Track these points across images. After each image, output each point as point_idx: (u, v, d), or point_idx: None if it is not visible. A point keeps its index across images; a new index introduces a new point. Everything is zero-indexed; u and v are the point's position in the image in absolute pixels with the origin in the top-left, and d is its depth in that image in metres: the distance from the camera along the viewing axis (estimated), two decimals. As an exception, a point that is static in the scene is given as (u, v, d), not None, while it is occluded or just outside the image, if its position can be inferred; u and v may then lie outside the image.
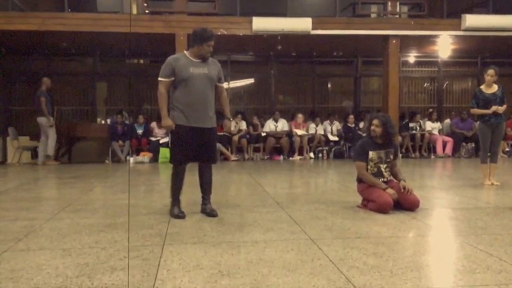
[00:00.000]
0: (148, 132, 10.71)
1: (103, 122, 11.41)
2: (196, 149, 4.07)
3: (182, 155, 4.08)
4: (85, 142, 10.75)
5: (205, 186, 4.25)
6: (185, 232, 3.54)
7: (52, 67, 11.84)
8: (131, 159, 10.15)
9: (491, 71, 5.98)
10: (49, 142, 9.79)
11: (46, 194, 5.65)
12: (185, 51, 4.20)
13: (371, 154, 4.38)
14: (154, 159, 10.11)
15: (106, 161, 10.36)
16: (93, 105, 12.17)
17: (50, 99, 9.97)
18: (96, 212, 4.38)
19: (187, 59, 4.07)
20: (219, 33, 9.50)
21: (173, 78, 4.01)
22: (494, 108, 5.88)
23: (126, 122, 10.88)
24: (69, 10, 9.80)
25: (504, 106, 6.00)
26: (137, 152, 10.48)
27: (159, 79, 4.05)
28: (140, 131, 10.75)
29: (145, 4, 11.10)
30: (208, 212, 4.14)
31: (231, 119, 4.47)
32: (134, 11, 12.19)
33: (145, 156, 10.14)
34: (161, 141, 10.30)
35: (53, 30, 9.32)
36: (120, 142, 10.38)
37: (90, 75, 12.15)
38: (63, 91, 11.94)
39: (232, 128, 10.80)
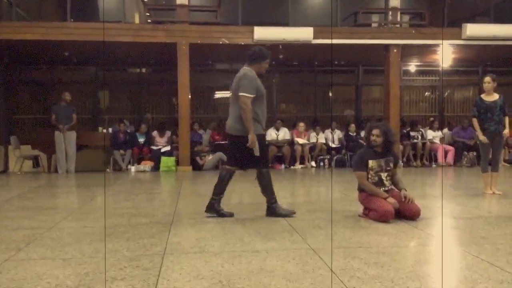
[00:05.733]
0: (149, 140, 10.72)
1: (104, 131, 11.43)
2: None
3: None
4: (86, 150, 10.74)
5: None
6: (186, 242, 3.54)
7: (55, 76, 11.89)
8: (133, 168, 10.16)
9: (487, 78, 6.02)
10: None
11: (47, 203, 5.65)
12: (249, 67, 4.38)
13: (371, 163, 4.38)
14: (155, 167, 10.10)
15: (108, 169, 10.37)
16: (95, 114, 12.21)
17: (63, 113, 9.82)
18: (97, 221, 4.38)
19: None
20: (220, 42, 9.56)
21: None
22: (483, 139, 5.90)
23: (128, 130, 10.90)
24: (72, 20, 9.87)
25: (506, 119, 6.00)
26: (139, 160, 10.48)
27: (248, 95, 4.19)
28: (141, 140, 10.75)
29: (148, 14, 11.18)
30: (285, 212, 4.45)
31: None
32: (137, 20, 12.28)
33: (146, 165, 10.14)
34: (162, 150, 10.30)
35: (56, 40, 9.38)
36: (122, 150, 10.38)
37: (92, 84, 12.20)
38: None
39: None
